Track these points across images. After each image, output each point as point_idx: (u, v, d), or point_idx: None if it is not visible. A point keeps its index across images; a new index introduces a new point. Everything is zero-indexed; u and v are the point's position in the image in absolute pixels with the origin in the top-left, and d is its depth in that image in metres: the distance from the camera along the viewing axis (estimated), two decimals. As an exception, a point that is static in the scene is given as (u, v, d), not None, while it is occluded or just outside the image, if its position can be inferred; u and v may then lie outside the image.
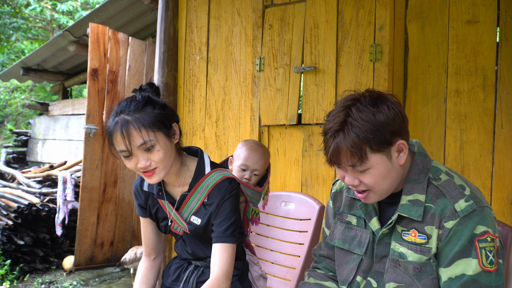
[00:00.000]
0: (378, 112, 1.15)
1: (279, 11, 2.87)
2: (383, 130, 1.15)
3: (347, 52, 2.60)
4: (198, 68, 3.33)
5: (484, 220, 1.14)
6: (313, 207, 1.98)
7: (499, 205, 2.25)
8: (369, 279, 1.30)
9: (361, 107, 1.17)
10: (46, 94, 10.40)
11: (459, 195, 1.17)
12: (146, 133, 1.34)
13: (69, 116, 6.26)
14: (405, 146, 1.19)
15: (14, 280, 3.92)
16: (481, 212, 1.14)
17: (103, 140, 4.19)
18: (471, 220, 1.13)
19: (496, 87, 2.28)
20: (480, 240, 1.12)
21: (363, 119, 1.14)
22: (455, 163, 2.37)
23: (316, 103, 2.68)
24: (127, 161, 1.38)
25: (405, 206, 1.22)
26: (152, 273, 1.65)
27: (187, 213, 1.52)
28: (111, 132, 1.37)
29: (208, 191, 1.48)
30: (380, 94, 1.21)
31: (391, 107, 1.17)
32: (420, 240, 1.20)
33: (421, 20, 2.50)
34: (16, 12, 9.65)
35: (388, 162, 1.18)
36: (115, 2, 4.40)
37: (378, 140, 1.14)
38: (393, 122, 1.16)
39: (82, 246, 4.05)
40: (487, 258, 1.12)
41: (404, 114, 1.21)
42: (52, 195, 4.55)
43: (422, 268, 1.19)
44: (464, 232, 1.13)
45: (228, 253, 1.44)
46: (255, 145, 1.77)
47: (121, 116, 1.36)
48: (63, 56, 5.81)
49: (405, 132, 1.20)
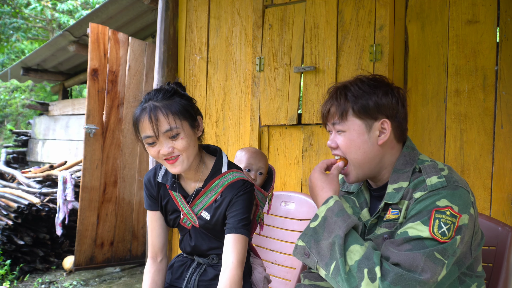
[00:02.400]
0: (375, 87, 1.25)
1: (279, 11, 2.87)
2: (370, 99, 1.23)
3: (347, 52, 2.60)
4: (198, 68, 3.33)
5: (452, 197, 1.14)
6: (313, 207, 1.98)
7: (499, 205, 2.25)
8: None
9: (364, 79, 1.27)
10: (46, 94, 10.40)
11: (434, 173, 1.20)
12: (173, 119, 1.39)
13: (69, 116, 6.26)
14: (388, 129, 1.24)
15: (14, 280, 3.92)
16: (452, 189, 1.15)
17: (103, 140, 4.19)
18: (438, 193, 1.14)
19: (496, 87, 2.28)
20: (439, 211, 1.12)
21: (359, 87, 1.26)
22: (455, 163, 2.37)
23: (316, 103, 2.68)
24: (151, 148, 1.41)
25: (390, 194, 1.25)
26: (160, 277, 1.62)
27: (198, 207, 1.54)
28: (139, 118, 1.42)
29: (222, 189, 1.50)
30: (388, 80, 1.28)
31: (391, 90, 1.25)
32: (393, 215, 1.23)
33: (421, 20, 2.50)
34: (16, 12, 9.65)
35: (365, 133, 1.25)
36: (115, 2, 4.40)
37: (361, 105, 1.23)
38: (384, 99, 1.24)
39: (82, 246, 4.05)
40: (440, 228, 1.10)
41: (401, 103, 1.26)
42: (52, 195, 4.55)
43: (390, 237, 1.22)
44: (426, 201, 1.14)
45: (241, 243, 1.45)
46: (253, 149, 1.83)
47: (150, 102, 1.41)
48: (63, 56, 5.81)
49: (394, 118, 1.26)
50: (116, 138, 4.28)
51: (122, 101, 4.34)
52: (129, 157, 4.40)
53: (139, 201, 4.45)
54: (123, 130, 4.34)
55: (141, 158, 4.47)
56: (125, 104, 4.37)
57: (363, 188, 1.39)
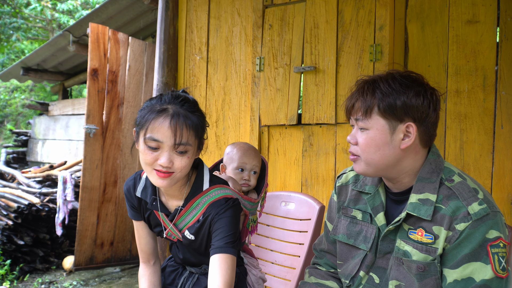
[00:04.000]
0: (406, 86, 1.16)
1: (279, 11, 2.87)
2: (398, 99, 1.14)
3: (347, 52, 2.60)
4: (198, 68, 3.33)
5: (497, 225, 1.11)
6: (313, 207, 1.98)
7: (499, 205, 2.25)
8: (371, 274, 1.28)
9: (397, 76, 1.18)
10: (46, 94, 10.40)
11: (472, 198, 1.13)
12: (191, 135, 1.28)
13: (69, 116, 6.26)
14: (413, 133, 1.16)
15: (14, 280, 3.92)
16: (494, 216, 1.11)
17: (103, 140, 4.19)
18: (484, 224, 1.10)
19: (496, 87, 2.28)
20: (493, 245, 1.09)
21: (389, 84, 1.17)
22: (455, 163, 2.37)
23: (316, 103, 2.68)
24: (148, 152, 1.26)
25: (415, 205, 1.18)
26: (156, 278, 1.56)
27: (181, 225, 1.43)
28: (155, 117, 1.25)
29: (204, 209, 1.39)
30: (423, 80, 1.21)
31: (424, 91, 1.16)
32: (427, 239, 1.16)
33: (421, 20, 2.50)
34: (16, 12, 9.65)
35: (388, 133, 1.17)
36: (115, 2, 4.40)
37: (388, 103, 1.15)
38: (414, 100, 1.15)
39: (82, 246, 4.05)
40: (500, 264, 1.09)
41: (433, 107, 1.18)
42: (52, 195, 4.55)
43: (426, 268, 1.16)
44: (476, 236, 1.10)
45: (228, 264, 1.32)
46: (245, 145, 1.72)
47: (174, 106, 1.27)
48: (63, 56, 5.81)
49: (422, 122, 1.17)
50: (116, 138, 4.28)
51: (122, 101, 4.34)
52: (129, 157, 4.40)
53: (139, 201, 4.44)
54: (123, 130, 4.34)
55: (141, 158, 4.46)
56: (125, 104, 4.37)
57: (380, 190, 1.30)
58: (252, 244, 2.14)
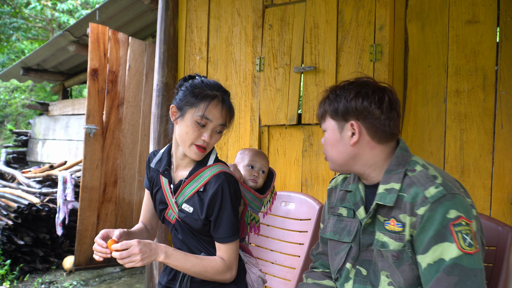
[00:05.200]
0: (347, 90, 1.32)
1: (279, 11, 2.87)
2: (339, 102, 1.31)
3: (347, 52, 2.60)
4: (198, 68, 3.33)
5: (456, 205, 1.16)
6: (313, 207, 1.98)
7: (499, 205, 2.25)
8: (358, 267, 1.34)
9: (344, 83, 1.36)
10: (46, 94, 10.40)
11: (430, 183, 1.20)
12: (229, 118, 1.57)
13: (69, 116, 6.26)
14: (358, 130, 1.29)
15: (14, 280, 3.92)
16: (452, 198, 1.16)
17: (103, 140, 4.19)
18: (442, 205, 1.16)
19: (496, 87, 2.28)
20: (455, 224, 1.14)
21: (335, 91, 1.35)
22: (455, 163, 2.37)
23: (316, 103, 2.68)
24: (196, 129, 1.50)
25: (381, 195, 1.27)
26: (148, 234, 1.72)
27: (180, 199, 1.57)
28: (209, 100, 1.51)
29: (205, 182, 1.53)
30: (371, 82, 1.33)
31: (365, 93, 1.29)
32: (398, 228, 1.24)
33: (421, 20, 2.50)
34: (16, 12, 9.65)
35: (337, 133, 1.33)
36: (115, 2, 4.40)
37: (333, 108, 1.33)
38: (353, 102, 1.29)
39: (82, 246, 4.05)
40: (465, 240, 1.13)
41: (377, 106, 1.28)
42: (52, 195, 4.55)
43: (399, 255, 1.22)
44: (436, 217, 1.15)
45: (232, 249, 1.53)
46: (255, 149, 1.85)
47: (221, 93, 1.55)
48: (63, 56, 5.81)
49: (364, 119, 1.29)
50: (116, 138, 4.28)
51: (122, 101, 4.34)
52: (129, 157, 4.40)
53: (139, 201, 4.45)
54: (123, 130, 4.34)
55: (141, 158, 4.47)
56: (125, 104, 4.37)
57: (360, 186, 1.40)
58: (252, 244, 2.14)
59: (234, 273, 1.55)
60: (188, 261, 1.50)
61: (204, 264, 1.50)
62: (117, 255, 1.37)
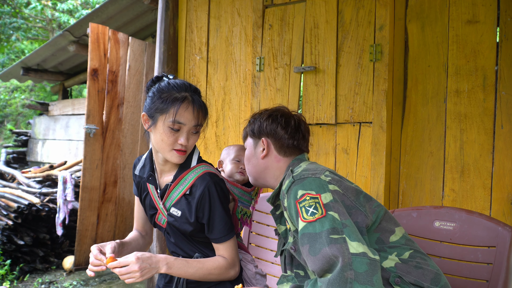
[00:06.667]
0: (260, 115, 1.56)
1: (279, 11, 2.87)
2: (255, 124, 1.56)
3: (347, 52, 2.61)
4: (198, 68, 3.33)
5: (303, 186, 1.31)
6: (313, 207, 1.97)
7: (499, 205, 2.25)
8: (295, 270, 1.50)
9: (263, 110, 1.60)
10: (46, 94, 10.40)
11: (287, 178, 1.40)
12: (203, 117, 1.54)
13: (69, 116, 6.26)
14: (266, 145, 1.51)
15: (14, 280, 3.92)
16: (300, 181, 1.33)
17: (103, 140, 4.19)
18: (292, 191, 1.33)
19: (496, 87, 2.28)
20: (300, 201, 1.29)
21: (254, 116, 1.59)
22: (455, 163, 2.37)
23: (316, 103, 2.68)
24: (171, 134, 1.48)
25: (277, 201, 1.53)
26: (143, 241, 1.72)
27: (168, 203, 1.57)
28: (178, 104, 1.47)
29: (191, 184, 1.54)
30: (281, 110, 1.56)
31: (274, 118, 1.53)
32: (288, 225, 1.45)
33: (421, 20, 2.50)
34: (16, 12, 9.65)
35: (253, 148, 1.55)
36: (115, 2, 4.40)
37: (251, 129, 1.57)
38: (264, 124, 1.52)
39: (82, 246, 4.05)
40: (307, 211, 1.27)
41: (282, 127, 1.51)
42: (52, 195, 4.55)
43: (295, 247, 1.40)
44: (290, 202, 1.32)
45: (231, 246, 1.56)
46: (240, 144, 1.88)
47: (190, 94, 1.52)
48: (63, 56, 5.81)
49: (272, 136, 1.51)
50: (116, 138, 4.29)
51: (122, 101, 4.34)
52: (129, 157, 4.40)
53: (139, 201, 4.44)
54: (123, 130, 4.34)
55: (141, 158, 4.47)
56: (125, 104, 4.37)
57: None
58: (252, 244, 2.14)
59: (238, 269, 1.57)
60: (190, 267, 1.49)
61: (207, 267, 1.50)
62: (117, 271, 1.38)
